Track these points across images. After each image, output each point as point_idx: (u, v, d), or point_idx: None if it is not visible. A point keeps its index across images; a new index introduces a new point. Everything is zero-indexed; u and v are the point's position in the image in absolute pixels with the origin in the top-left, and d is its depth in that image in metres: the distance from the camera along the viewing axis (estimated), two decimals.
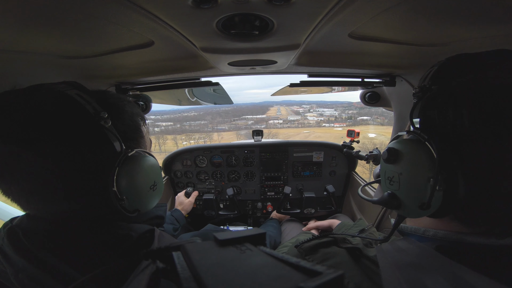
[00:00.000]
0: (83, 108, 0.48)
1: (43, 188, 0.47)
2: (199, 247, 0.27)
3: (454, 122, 0.39)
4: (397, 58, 1.00)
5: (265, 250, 0.26)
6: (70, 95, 0.49)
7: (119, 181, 0.50)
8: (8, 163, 0.45)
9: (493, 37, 0.68)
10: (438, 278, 0.36)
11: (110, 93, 0.60)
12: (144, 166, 0.55)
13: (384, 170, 0.50)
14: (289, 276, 0.21)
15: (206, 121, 43.82)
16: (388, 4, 0.54)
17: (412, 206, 0.44)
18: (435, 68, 0.47)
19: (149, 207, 0.58)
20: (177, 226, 1.42)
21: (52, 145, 0.46)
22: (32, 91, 0.49)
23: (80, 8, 0.51)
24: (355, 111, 22.45)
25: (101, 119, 0.49)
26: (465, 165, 0.38)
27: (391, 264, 0.44)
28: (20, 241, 0.47)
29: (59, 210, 0.50)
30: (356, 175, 2.00)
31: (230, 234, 0.28)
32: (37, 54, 0.74)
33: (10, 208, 1.49)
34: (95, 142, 0.49)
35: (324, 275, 0.20)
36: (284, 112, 52.83)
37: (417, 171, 0.43)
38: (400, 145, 0.46)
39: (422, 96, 0.45)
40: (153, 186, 0.57)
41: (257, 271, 0.22)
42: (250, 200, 2.14)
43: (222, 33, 0.65)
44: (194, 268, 0.23)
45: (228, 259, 0.24)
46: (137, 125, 0.61)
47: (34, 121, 0.45)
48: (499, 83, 0.37)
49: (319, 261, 0.55)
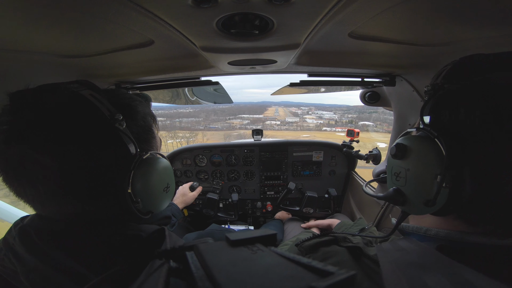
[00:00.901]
0: (98, 110, 0.48)
1: (59, 191, 0.46)
2: (212, 247, 0.28)
3: (465, 121, 0.39)
4: (397, 58, 1.00)
5: (276, 250, 0.27)
6: (85, 96, 0.48)
7: (134, 184, 0.50)
8: (23, 165, 0.44)
9: (494, 37, 0.68)
10: (439, 277, 0.36)
11: (122, 92, 0.60)
12: (158, 169, 0.55)
13: (391, 165, 0.50)
14: (301, 276, 0.21)
15: (200, 118, 41.63)
16: (388, 4, 0.54)
17: (417, 203, 0.44)
18: (449, 67, 0.47)
19: (162, 208, 0.58)
20: (173, 221, 1.41)
21: (67, 148, 0.45)
22: (47, 91, 0.48)
23: (80, 7, 0.51)
24: (355, 115, 21.91)
25: (116, 121, 0.48)
26: (474, 164, 0.39)
27: (391, 263, 0.44)
28: (32, 240, 0.47)
29: (73, 212, 0.49)
30: (355, 175, 2.00)
31: (241, 235, 0.29)
32: (37, 53, 0.74)
33: (13, 209, 1.49)
34: (110, 145, 0.49)
35: (336, 275, 0.20)
36: (282, 113, 50.56)
37: (425, 168, 0.43)
38: (408, 141, 0.46)
39: (434, 94, 0.45)
40: (166, 188, 0.57)
41: (269, 271, 0.22)
42: (249, 199, 2.14)
43: (222, 32, 0.65)
44: (207, 268, 0.23)
45: (240, 259, 0.24)
46: (149, 125, 0.61)
47: (50, 123, 0.45)
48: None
49: (320, 260, 0.55)
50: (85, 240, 0.48)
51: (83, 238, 0.48)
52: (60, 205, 0.48)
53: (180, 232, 1.72)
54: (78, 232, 0.49)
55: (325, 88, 1.71)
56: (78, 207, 0.49)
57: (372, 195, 0.60)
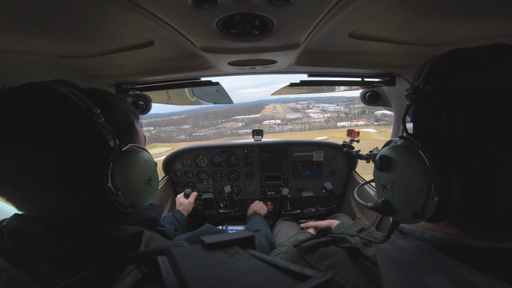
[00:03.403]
0: (75, 104, 0.48)
1: (37, 185, 0.47)
2: (186, 251, 0.26)
3: (448, 127, 0.38)
4: (397, 57, 1.00)
5: (254, 253, 0.26)
6: (62, 92, 0.49)
7: (113, 176, 0.50)
8: (1, 161, 0.45)
9: (493, 37, 0.68)
10: (438, 276, 0.36)
11: (102, 90, 0.60)
12: (138, 161, 0.55)
13: (377, 177, 0.48)
14: (278, 280, 0.21)
15: (187, 125, 37.48)
16: (388, 3, 0.54)
17: (406, 214, 0.43)
18: (429, 66, 0.45)
19: (146, 203, 0.58)
20: (178, 226, 1.43)
21: (45, 142, 0.46)
22: (24, 89, 0.49)
23: (80, 8, 0.51)
24: (361, 104, 20.18)
25: (94, 115, 0.49)
26: (460, 172, 0.37)
27: (390, 263, 0.43)
28: (4, 242, 0.47)
29: (54, 208, 0.50)
30: (356, 175, 2.00)
31: (218, 238, 0.27)
32: (37, 54, 0.74)
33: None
34: (88, 138, 0.50)
35: (313, 279, 0.19)
36: (281, 110, 46.10)
37: (410, 181, 0.41)
38: (392, 152, 0.44)
39: (415, 98, 0.43)
40: (148, 181, 0.57)
41: (245, 276, 0.21)
42: (250, 199, 2.13)
43: (222, 32, 0.65)
44: (180, 273, 0.22)
45: (215, 264, 0.23)
46: (130, 121, 0.61)
47: (26, 118, 0.45)
48: (496, 84, 0.36)
49: (318, 260, 0.55)
50: (58, 241, 0.48)
51: (56, 239, 0.48)
52: (40, 200, 0.48)
53: (180, 233, 1.72)
54: (53, 233, 0.49)
55: (326, 87, 1.71)
56: (59, 203, 0.49)
57: (362, 204, 0.58)
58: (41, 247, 0.47)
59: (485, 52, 0.40)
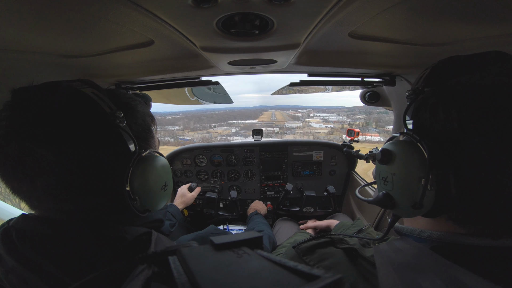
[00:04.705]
0: (99, 107, 0.48)
1: (57, 186, 0.47)
2: (196, 252, 0.27)
3: (444, 123, 0.41)
4: (397, 57, 1.00)
5: (262, 253, 0.26)
6: (86, 93, 0.49)
7: (132, 181, 0.50)
8: (22, 161, 0.44)
9: (493, 37, 0.68)
10: (435, 279, 0.37)
11: (122, 92, 0.60)
12: (157, 167, 0.55)
13: (379, 170, 0.51)
14: (287, 280, 0.21)
15: (178, 126, 34.23)
16: (388, 3, 0.54)
17: (406, 206, 0.45)
18: (428, 71, 0.48)
19: (159, 207, 0.58)
20: (173, 221, 1.41)
21: (69, 143, 0.45)
22: (49, 88, 0.49)
23: (80, 7, 0.51)
24: (362, 115, 18.78)
25: (117, 119, 0.49)
26: (456, 165, 0.40)
27: (388, 264, 0.44)
28: (12, 241, 0.47)
29: (69, 209, 0.49)
30: (356, 175, 2.00)
31: (227, 238, 0.28)
32: (37, 53, 0.74)
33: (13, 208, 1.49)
34: (110, 141, 0.50)
35: (322, 279, 0.19)
36: (280, 117, 43.59)
37: (409, 171, 0.44)
38: (393, 146, 0.48)
39: (415, 98, 0.47)
40: (164, 187, 0.57)
41: (254, 276, 0.21)
42: (249, 199, 2.14)
43: (222, 32, 0.65)
44: (190, 273, 0.22)
45: (225, 264, 0.24)
46: (148, 124, 0.61)
47: (51, 119, 0.45)
48: (486, 84, 0.38)
49: (316, 261, 0.55)
50: (65, 242, 0.48)
51: (64, 240, 0.48)
52: (57, 201, 0.48)
53: (180, 232, 1.72)
54: (60, 234, 0.48)
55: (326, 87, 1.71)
56: (74, 204, 0.49)
57: (363, 199, 0.61)
58: (49, 248, 0.47)
59: (479, 57, 0.44)
